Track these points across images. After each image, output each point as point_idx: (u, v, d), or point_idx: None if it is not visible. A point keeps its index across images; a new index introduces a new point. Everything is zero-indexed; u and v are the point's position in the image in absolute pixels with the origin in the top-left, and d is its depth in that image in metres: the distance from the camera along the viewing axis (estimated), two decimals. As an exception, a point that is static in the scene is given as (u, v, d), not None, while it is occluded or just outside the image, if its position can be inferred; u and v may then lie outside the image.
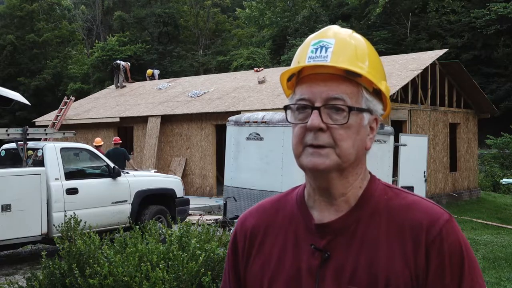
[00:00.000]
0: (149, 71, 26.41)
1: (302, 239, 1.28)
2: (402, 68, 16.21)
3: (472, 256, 1.21)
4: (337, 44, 1.22)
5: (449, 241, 1.19)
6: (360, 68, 1.21)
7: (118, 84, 24.02)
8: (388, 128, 11.44)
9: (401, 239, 1.20)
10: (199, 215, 12.83)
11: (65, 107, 20.30)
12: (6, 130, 9.10)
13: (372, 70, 1.24)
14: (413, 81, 15.71)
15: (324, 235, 1.25)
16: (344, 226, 1.24)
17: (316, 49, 1.23)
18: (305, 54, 1.24)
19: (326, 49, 1.22)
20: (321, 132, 1.20)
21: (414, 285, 1.18)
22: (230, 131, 10.98)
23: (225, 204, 10.95)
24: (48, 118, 21.55)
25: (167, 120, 18.25)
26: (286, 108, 1.28)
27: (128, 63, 25.62)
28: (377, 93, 1.26)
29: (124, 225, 8.02)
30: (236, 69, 33.64)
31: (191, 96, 19.24)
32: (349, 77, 1.21)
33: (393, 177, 11.89)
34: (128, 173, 10.06)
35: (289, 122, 1.26)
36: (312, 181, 1.28)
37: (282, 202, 1.36)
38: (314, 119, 1.19)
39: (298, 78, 1.27)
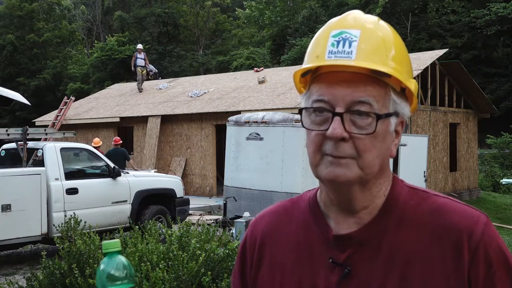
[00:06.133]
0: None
1: (318, 252, 1.13)
2: (402, 68, 16.21)
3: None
4: (362, 37, 1.04)
5: (493, 247, 1.06)
6: (390, 66, 1.05)
7: (142, 88, 21.73)
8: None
9: (438, 247, 1.06)
10: (199, 215, 12.83)
11: (65, 107, 20.28)
12: (6, 130, 9.10)
13: (400, 66, 1.07)
14: (413, 81, 15.71)
15: (344, 248, 1.10)
16: (368, 237, 1.10)
17: (338, 42, 1.04)
18: (324, 47, 1.06)
19: (350, 43, 1.04)
20: (343, 142, 1.04)
21: None
22: (230, 131, 10.98)
23: (225, 204, 10.97)
24: (48, 118, 21.54)
25: (167, 120, 18.24)
26: (301, 111, 1.11)
27: (140, 45, 22.55)
28: (403, 92, 1.10)
29: (124, 225, 8.01)
30: (236, 69, 33.63)
31: (191, 96, 19.23)
32: (376, 76, 1.05)
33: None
34: (128, 173, 10.05)
35: (304, 127, 1.10)
36: (331, 193, 1.12)
37: (295, 208, 1.22)
38: (336, 128, 1.03)
39: (315, 73, 1.09)
